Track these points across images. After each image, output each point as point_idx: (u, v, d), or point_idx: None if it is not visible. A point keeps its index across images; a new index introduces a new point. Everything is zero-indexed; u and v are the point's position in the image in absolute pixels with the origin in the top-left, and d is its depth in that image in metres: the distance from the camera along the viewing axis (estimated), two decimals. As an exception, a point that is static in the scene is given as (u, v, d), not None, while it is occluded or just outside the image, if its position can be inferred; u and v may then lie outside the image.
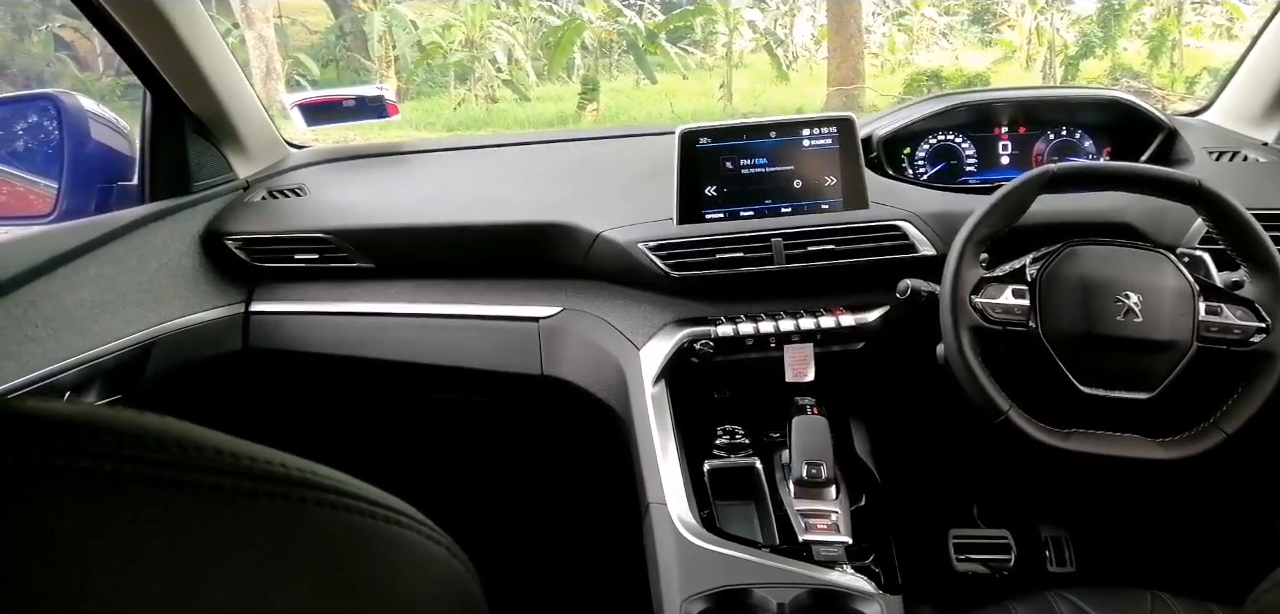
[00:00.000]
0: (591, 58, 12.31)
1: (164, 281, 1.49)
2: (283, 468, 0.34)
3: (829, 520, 1.23)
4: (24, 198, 1.56)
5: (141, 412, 0.33)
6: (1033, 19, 11.06)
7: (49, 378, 1.25)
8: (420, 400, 1.68)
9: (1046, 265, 1.23)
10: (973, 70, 10.79)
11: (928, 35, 12.53)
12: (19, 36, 11.21)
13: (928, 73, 10.99)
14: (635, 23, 11.67)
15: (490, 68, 11.54)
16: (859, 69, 10.55)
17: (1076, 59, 10.41)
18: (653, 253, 1.41)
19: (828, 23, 11.24)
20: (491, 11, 11.87)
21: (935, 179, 1.60)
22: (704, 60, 12.77)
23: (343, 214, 1.59)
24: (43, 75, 10.43)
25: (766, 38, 12.40)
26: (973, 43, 12.31)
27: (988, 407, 1.17)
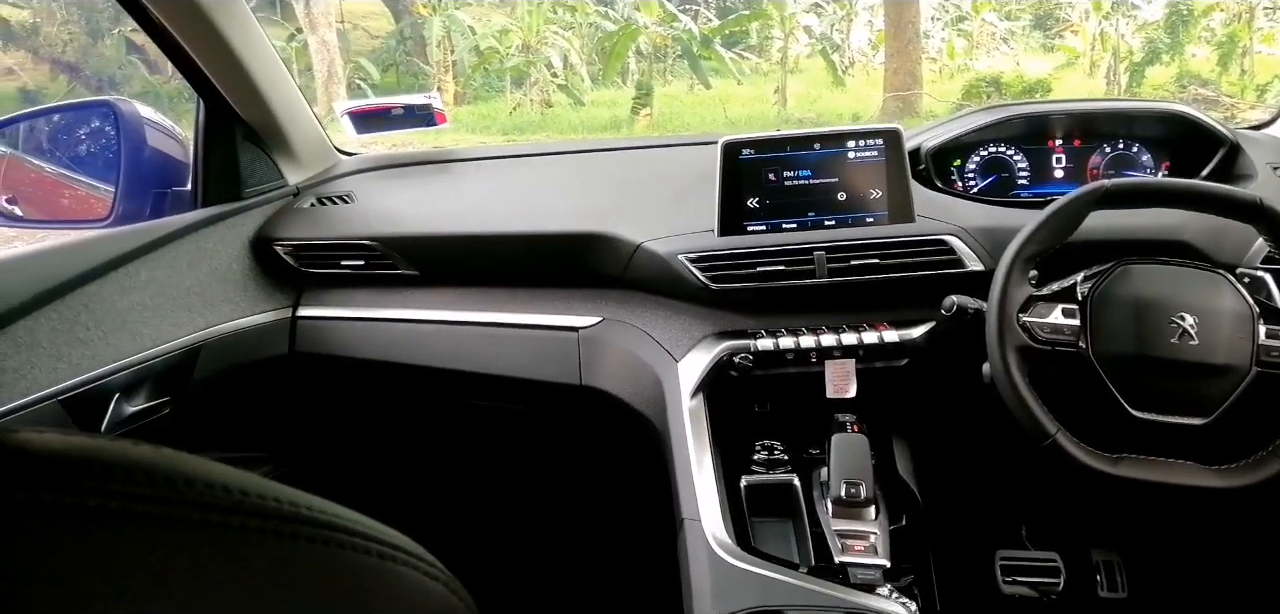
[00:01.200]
0: (646, 63, 12.32)
1: (213, 286, 1.52)
2: (275, 502, 0.34)
3: (867, 542, 1.20)
4: (83, 201, 1.61)
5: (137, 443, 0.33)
6: (1097, 24, 10.77)
7: (99, 379, 1.29)
8: (460, 407, 1.70)
9: (1098, 284, 1.20)
10: (1034, 77, 10.53)
11: (988, 40, 12.27)
12: (92, 40, 11.60)
13: (987, 79, 10.77)
14: (690, 28, 11.64)
15: (546, 72, 11.62)
16: (916, 74, 10.39)
17: (1142, 66, 10.11)
18: (693, 264, 1.40)
19: (885, 27, 11.09)
20: (548, 17, 11.95)
21: (985, 192, 1.56)
22: (759, 65, 12.69)
23: (389, 221, 1.61)
24: (114, 77, 10.76)
25: (822, 43, 12.27)
26: (1034, 48, 12.04)
27: (1034, 429, 1.14)
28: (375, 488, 2.02)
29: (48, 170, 1.69)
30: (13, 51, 12.32)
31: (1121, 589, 1.73)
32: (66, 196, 1.65)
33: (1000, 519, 1.80)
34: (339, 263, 1.61)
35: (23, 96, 12.00)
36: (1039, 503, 1.79)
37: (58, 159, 1.67)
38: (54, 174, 1.69)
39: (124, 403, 1.34)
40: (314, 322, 1.65)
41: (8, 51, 12.36)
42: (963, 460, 1.69)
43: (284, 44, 11.57)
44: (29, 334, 1.21)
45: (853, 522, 1.24)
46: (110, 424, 1.32)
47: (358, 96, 11.66)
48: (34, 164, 1.69)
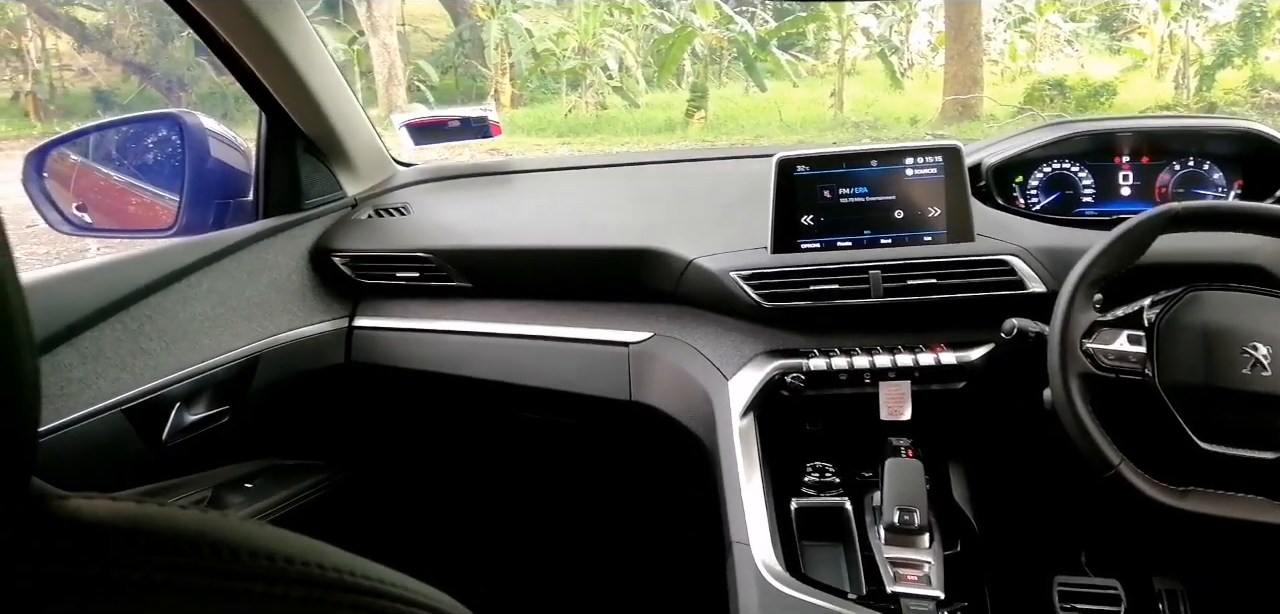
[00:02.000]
0: (701, 65, 12.30)
1: (273, 296, 1.55)
2: (319, 570, 0.34)
3: (920, 572, 1.18)
4: (149, 210, 1.65)
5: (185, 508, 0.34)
6: (1166, 26, 10.45)
7: (160, 389, 1.32)
8: (512, 419, 1.71)
9: (1166, 310, 1.15)
10: (1099, 80, 10.26)
11: (1051, 42, 12.00)
12: (163, 42, 11.95)
13: (1050, 81, 10.52)
14: (746, 30, 11.59)
15: (601, 75, 11.68)
16: (977, 77, 10.19)
17: (1213, 69, 9.77)
18: (745, 282, 1.38)
19: (945, 29, 10.90)
20: (604, 19, 12.00)
21: (1048, 210, 1.52)
22: (815, 68, 12.59)
23: (443, 234, 1.63)
24: (183, 77, 11.07)
25: (881, 45, 12.12)
26: (1100, 50, 11.74)
27: (1097, 460, 1.10)
28: (428, 497, 2.04)
29: (116, 179, 1.74)
30: (88, 53, 12.75)
31: None
32: (133, 205, 1.69)
33: (1058, 544, 1.75)
34: (394, 274, 1.63)
35: (96, 96, 12.42)
36: (1099, 528, 1.74)
37: (125, 168, 1.72)
38: (122, 183, 1.74)
39: (185, 412, 1.37)
40: (370, 332, 1.67)
41: (83, 53, 12.80)
42: (1020, 486, 1.65)
43: (346, 46, 11.80)
44: (94, 345, 1.24)
45: (906, 549, 1.22)
46: (171, 432, 1.35)
47: (417, 98, 11.85)
48: (103, 172, 1.74)
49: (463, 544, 2.06)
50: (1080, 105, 9.62)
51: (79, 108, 12.31)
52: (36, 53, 12.47)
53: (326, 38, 5.18)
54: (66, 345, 1.21)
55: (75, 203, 1.70)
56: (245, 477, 1.53)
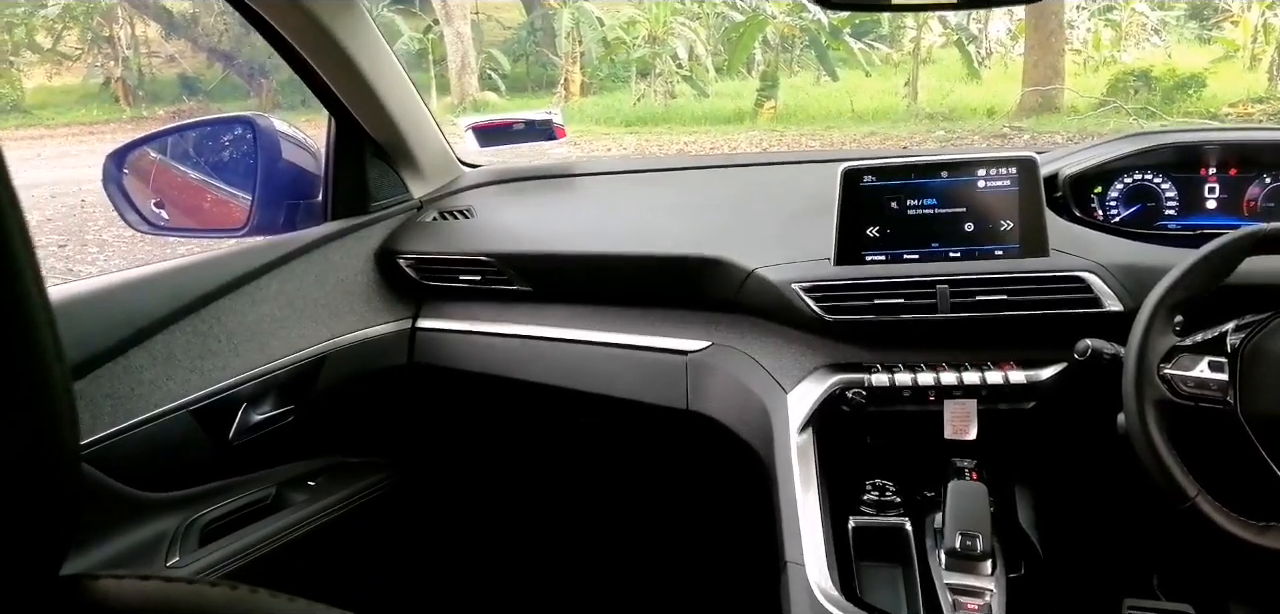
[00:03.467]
0: (772, 54, 12.17)
1: (339, 298, 1.58)
2: None
3: (981, 601, 1.14)
4: (222, 211, 1.69)
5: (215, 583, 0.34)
6: (1260, 16, 9.97)
7: (227, 390, 1.35)
8: (570, 424, 1.71)
9: (1252, 336, 1.09)
10: (1186, 70, 9.83)
11: (1137, 31, 11.56)
12: (245, 30, 12.28)
13: (1134, 72, 10.12)
14: (819, 17, 11.43)
15: (671, 63, 11.65)
16: (1058, 67, 9.87)
17: (1310, 61, 9.32)
18: (807, 294, 1.36)
19: (1026, 17, 10.58)
20: (675, 8, 11.97)
21: (1128, 223, 1.45)
22: (889, 56, 12.37)
23: (505, 238, 1.63)
24: (265, 65, 11.37)
25: (958, 33, 11.84)
26: (1189, 40, 11.27)
27: (1172, 491, 1.05)
28: (484, 499, 2.06)
29: (192, 178, 1.79)
30: (174, 40, 13.19)
31: None
32: (208, 204, 1.74)
33: (1129, 567, 1.69)
34: (457, 277, 1.65)
35: (182, 83, 12.85)
36: (1173, 552, 1.68)
37: (201, 168, 1.77)
38: (198, 182, 1.78)
39: (251, 411, 1.40)
40: (432, 333, 1.69)
41: (170, 40, 13.25)
42: (1089, 510, 1.59)
43: (420, 35, 11.98)
44: (165, 347, 1.28)
45: (967, 576, 1.18)
46: (237, 432, 1.38)
47: (489, 87, 11.96)
48: (180, 171, 1.79)
49: (517, 547, 2.08)
50: (1166, 97, 9.26)
51: (166, 94, 12.77)
52: (126, 40, 12.96)
53: (402, 27, 5.32)
54: (138, 348, 1.25)
55: (154, 200, 1.75)
56: (308, 474, 1.56)
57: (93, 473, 1.18)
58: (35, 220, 6.41)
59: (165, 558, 1.29)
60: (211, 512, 1.38)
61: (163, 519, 1.32)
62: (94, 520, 1.22)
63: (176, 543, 1.31)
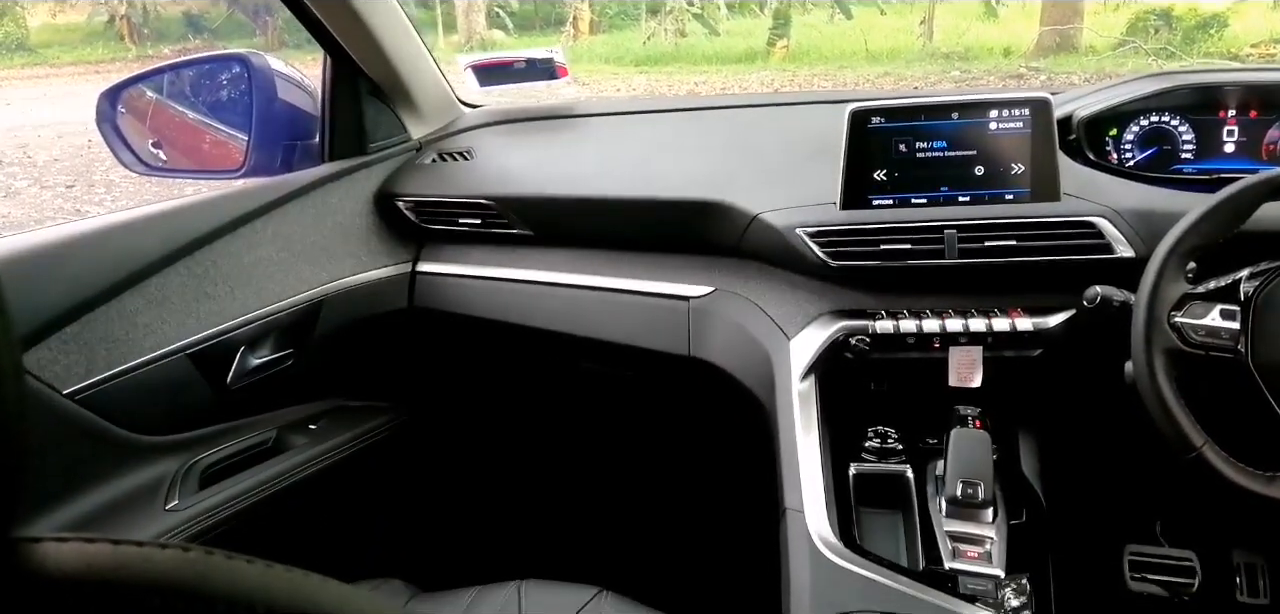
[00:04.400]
0: (786, -11, 11.95)
1: (337, 241, 1.56)
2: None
3: (981, 548, 1.13)
4: (219, 151, 1.66)
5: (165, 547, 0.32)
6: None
7: (224, 334, 1.34)
8: (571, 370, 1.70)
9: (1266, 284, 1.06)
10: (1209, 9, 9.59)
11: (1161, -32, 11.29)
12: (248, -34, 12.14)
13: (1155, 11, 9.87)
14: (833, -47, 11.20)
15: (681, 1, 11.44)
16: (1077, 5, 9.64)
17: (1342, -2, 9.08)
18: (812, 239, 1.33)
19: (1045, -46, 10.35)
20: (687, -58, 11.74)
21: (1143, 166, 1.41)
22: (905, -6, 12.12)
23: (505, 181, 1.61)
24: (270, 2, 11.22)
25: (975, -31, 11.59)
26: (1216, -24, 11.00)
27: (1178, 441, 1.03)
28: (487, 442, 2.06)
29: (190, 118, 1.76)
30: (177, -23, 13.03)
31: (1264, 595, 1.60)
32: (204, 144, 1.71)
33: (1132, 514, 1.68)
34: (457, 220, 1.62)
35: (186, 21, 12.71)
36: (1177, 499, 1.66)
37: (197, 107, 1.74)
38: (195, 122, 1.76)
39: (249, 355, 1.39)
40: (432, 277, 1.67)
41: (173, -23, 13.08)
42: (1094, 458, 1.57)
43: (429, -30, 11.78)
44: (160, 290, 1.27)
45: (967, 524, 1.18)
46: (236, 376, 1.37)
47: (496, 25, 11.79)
48: (177, 110, 1.77)
49: (519, 492, 2.08)
50: (1187, 37, 9.05)
51: (171, 31, 12.64)
52: (131, -23, 12.80)
53: (407, -36, 5.03)
54: (132, 291, 1.23)
55: (151, 140, 1.73)
56: (309, 418, 1.55)
57: (88, 417, 1.18)
58: (42, 160, 6.39)
59: (165, 501, 1.29)
60: (211, 455, 1.38)
61: (162, 462, 1.31)
62: (91, 464, 1.21)
63: (176, 486, 1.31)
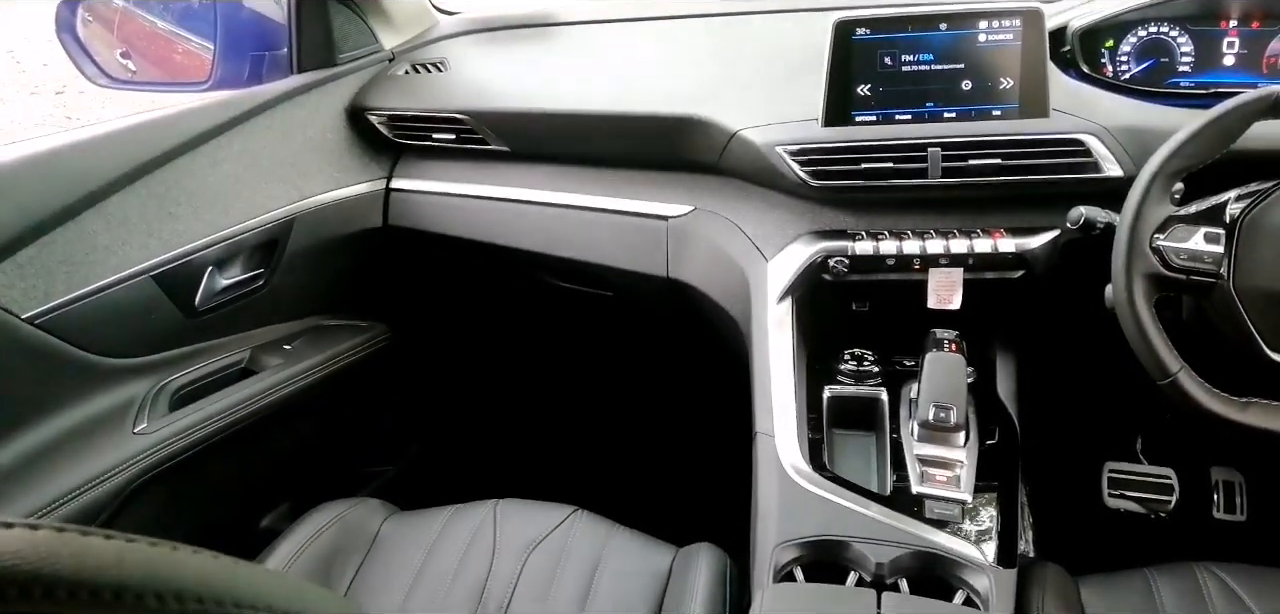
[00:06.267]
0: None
1: (307, 156, 1.52)
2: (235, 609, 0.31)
3: (951, 472, 1.13)
4: (184, 63, 1.61)
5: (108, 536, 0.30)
6: None
7: (190, 254, 1.31)
8: (550, 289, 1.67)
9: (1253, 206, 1.03)
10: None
11: None
12: None
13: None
14: None
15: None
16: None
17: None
18: (792, 158, 1.29)
19: None
20: None
21: (1139, 79, 1.36)
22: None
23: (480, 94, 1.56)
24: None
25: None
26: None
27: (1155, 366, 1.02)
28: (466, 362, 2.04)
29: (159, 27, 1.71)
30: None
31: (1240, 512, 1.61)
32: (170, 55, 1.66)
33: (1114, 431, 1.68)
34: (431, 135, 1.58)
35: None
36: (1157, 418, 1.66)
37: (163, 15, 1.68)
38: (164, 31, 1.70)
39: (217, 276, 1.37)
40: (407, 194, 1.63)
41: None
42: (1073, 380, 1.56)
43: None
44: (119, 210, 1.23)
45: (939, 448, 1.17)
46: (204, 297, 1.35)
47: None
48: (144, 18, 1.71)
49: (496, 410, 2.07)
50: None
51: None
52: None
53: None
54: (91, 211, 1.20)
55: (119, 50, 1.67)
56: (284, 338, 1.53)
57: (50, 341, 1.16)
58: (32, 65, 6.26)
59: (134, 424, 1.27)
60: (181, 377, 1.36)
61: (130, 385, 1.30)
62: (56, 388, 1.20)
63: (145, 408, 1.30)
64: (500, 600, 1.15)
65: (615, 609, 1.14)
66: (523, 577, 1.18)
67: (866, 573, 1.03)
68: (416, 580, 1.20)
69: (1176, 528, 1.64)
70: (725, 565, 1.18)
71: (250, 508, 1.59)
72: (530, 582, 1.18)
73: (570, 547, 1.22)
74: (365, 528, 1.28)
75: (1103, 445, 1.67)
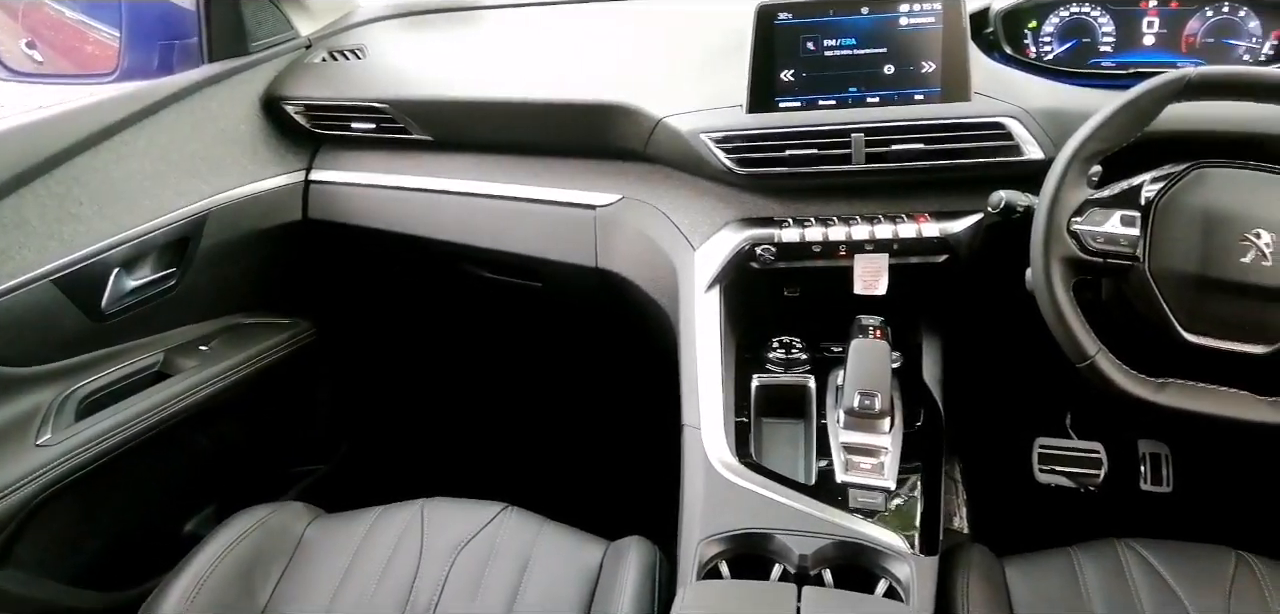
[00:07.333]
0: None
1: (220, 149, 1.46)
2: None
3: (876, 460, 1.13)
4: (89, 54, 1.54)
5: None
6: None
7: (94, 256, 1.26)
8: (477, 282, 1.64)
9: (1167, 189, 1.04)
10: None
11: None
12: None
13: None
14: None
15: None
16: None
17: None
18: (717, 145, 1.27)
19: None
20: None
21: (1062, 59, 1.37)
22: None
23: (401, 82, 1.51)
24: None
25: None
26: None
27: (1073, 349, 1.02)
28: (393, 358, 2.00)
29: (68, 16, 1.64)
30: None
31: (1166, 483, 1.65)
32: (74, 46, 1.59)
33: (1044, 408, 1.70)
34: (350, 125, 1.53)
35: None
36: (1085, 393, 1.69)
37: (69, 4, 1.61)
38: (72, 19, 1.63)
39: (125, 277, 1.32)
40: (327, 186, 1.59)
41: None
42: (999, 361, 1.58)
43: None
44: (15, 212, 1.18)
45: (864, 435, 1.17)
46: (111, 300, 1.30)
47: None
48: (51, 5, 1.64)
49: (423, 408, 2.03)
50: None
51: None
52: None
53: None
54: None
55: (24, 40, 1.60)
56: (200, 339, 1.48)
57: None
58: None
59: (37, 435, 1.22)
60: (90, 383, 1.31)
61: (33, 394, 1.25)
62: None
63: (50, 419, 1.24)
64: (428, 603, 1.13)
65: (544, 607, 1.12)
66: (451, 577, 1.16)
67: (790, 565, 1.03)
68: (341, 585, 1.17)
69: (1106, 501, 1.67)
70: (655, 559, 1.17)
71: (173, 513, 1.54)
72: (458, 582, 1.16)
73: (499, 545, 1.20)
74: (289, 532, 1.25)
75: (1033, 422, 1.69)
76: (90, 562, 1.38)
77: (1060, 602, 1.07)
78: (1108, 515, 1.67)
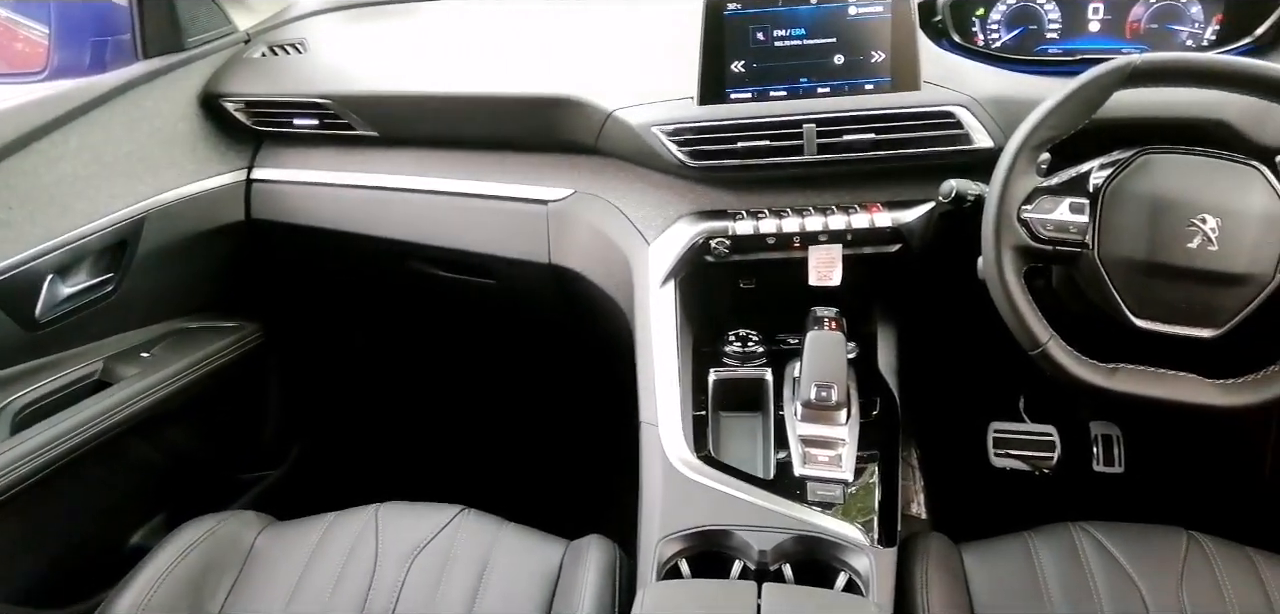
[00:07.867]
0: None
1: (157, 149, 1.42)
2: None
3: (833, 452, 1.13)
4: (15, 52, 1.49)
5: None
6: None
7: (25, 263, 1.21)
8: (428, 279, 1.61)
9: (1115, 176, 1.05)
10: None
11: None
12: None
13: None
14: None
15: None
16: None
17: None
18: (668, 138, 1.26)
19: None
20: None
21: (1010, 47, 1.38)
22: None
23: (343, 77, 1.48)
24: None
25: None
26: None
27: (1025, 337, 1.03)
28: (343, 359, 1.97)
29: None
30: None
31: (1118, 464, 1.68)
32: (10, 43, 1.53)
33: (997, 393, 1.72)
34: (292, 122, 1.49)
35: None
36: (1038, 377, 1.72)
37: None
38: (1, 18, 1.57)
39: (59, 284, 1.27)
40: (270, 185, 1.55)
41: None
42: (956, 346, 1.59)
43: None
44: None
45: (821, 426, 1.17)
46: (45, 308, 1.25)
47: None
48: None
49: (375, 410, 2.00)
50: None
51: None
52: None
53: None
54: None
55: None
56: (142, 345, 1.44)
57: None
58: None
59: None
60: (25, 395, 1.26)
61: None
62: None
63: None
64: (384, 608, 1.11)
65: (504, 610, 1.11)
66: (407, 583, 1.14)
67: (750, 561, 1.02)
68: (294, 594, 1.15)
69: (1060, 483, 1.70)
70: (615, 558, 1.16)
71: (118, 526, 1.50)
72: (415, 587, 1.14)
73: (456, 548, 1.18)
74: (239, 542, 1.22)
75: (987, 407, 1.71)
76: (32, 580, 1.33)
77: (1017, 589, 1.08)
78: (1062, 497, 1.70)
